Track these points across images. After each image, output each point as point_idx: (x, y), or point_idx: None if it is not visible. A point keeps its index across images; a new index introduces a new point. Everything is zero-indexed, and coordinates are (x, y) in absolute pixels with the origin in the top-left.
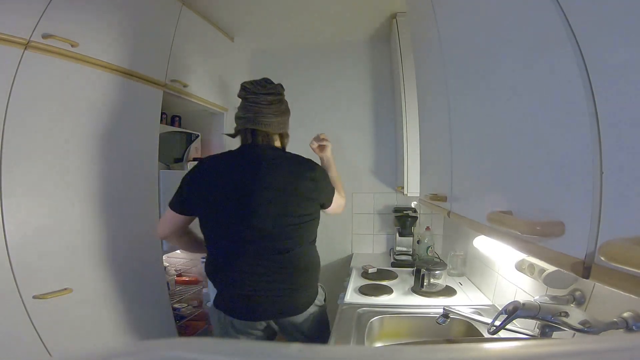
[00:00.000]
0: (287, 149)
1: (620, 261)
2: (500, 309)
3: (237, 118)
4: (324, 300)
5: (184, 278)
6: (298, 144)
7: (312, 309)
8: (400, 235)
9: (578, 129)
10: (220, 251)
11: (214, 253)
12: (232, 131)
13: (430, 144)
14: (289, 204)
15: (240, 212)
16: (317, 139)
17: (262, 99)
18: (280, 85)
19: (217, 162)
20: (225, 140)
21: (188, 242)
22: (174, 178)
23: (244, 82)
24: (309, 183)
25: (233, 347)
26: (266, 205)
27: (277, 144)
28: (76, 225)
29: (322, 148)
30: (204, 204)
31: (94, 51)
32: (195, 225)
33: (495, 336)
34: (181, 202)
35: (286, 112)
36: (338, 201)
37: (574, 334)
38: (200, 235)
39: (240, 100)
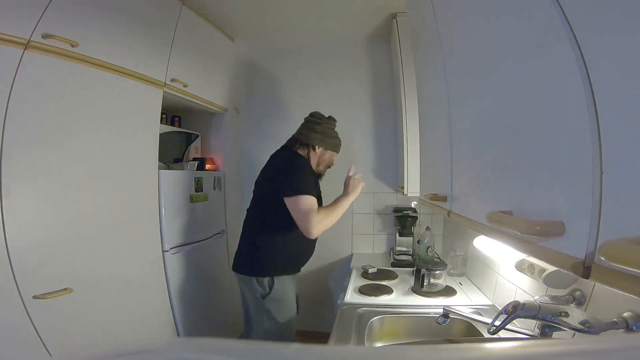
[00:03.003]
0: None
1: (620, 261)
2: (500, 309)
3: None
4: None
5: None
6: None
7: None
8: (400, 235)
9: (578, 129)
10: None
11: None
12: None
13: (430, 144)
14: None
15: None
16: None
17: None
18: (313, 114)
19: None
20: (225, 140)
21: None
22: (174, 178)
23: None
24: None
25: (233, 347)
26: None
27: (302, 151)
28: (76, 225)
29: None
30: None
31: (94, 51)
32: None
33: (495, 336)
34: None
35: (314, 130)
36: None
37: (574, 334)
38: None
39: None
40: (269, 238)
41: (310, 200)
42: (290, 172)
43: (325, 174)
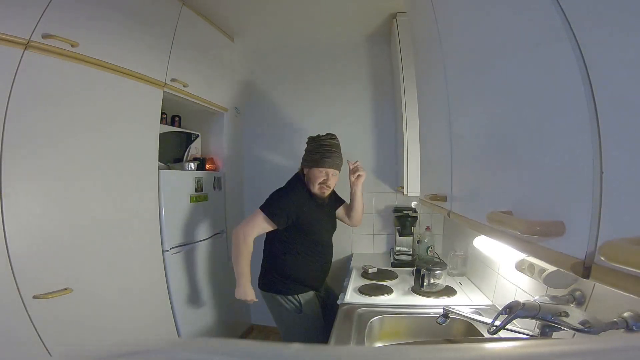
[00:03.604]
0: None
1: (620, 261)
2: (500, 309)
3: None
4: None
5: None
6: (296, 144)
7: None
8: (400, 235)
9: (578, 129)
10: None
11: None
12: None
13: (430, 144)
14: None
15: None
16: (355, 169)
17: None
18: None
19: None
20: (225, 140)
21: None
22: (174, 178)
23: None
24: None
25: (233, 347)
26: None
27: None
28: (76, 225)
29: (358, 179)
30: None
31: (94, 51)
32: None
33: (495, 336)
34: None
35: (304, 153)
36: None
37: (574, 334)
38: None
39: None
40: (284, 259)
41: (261, 222)
42: (275, 193)
43: (330, 195)
